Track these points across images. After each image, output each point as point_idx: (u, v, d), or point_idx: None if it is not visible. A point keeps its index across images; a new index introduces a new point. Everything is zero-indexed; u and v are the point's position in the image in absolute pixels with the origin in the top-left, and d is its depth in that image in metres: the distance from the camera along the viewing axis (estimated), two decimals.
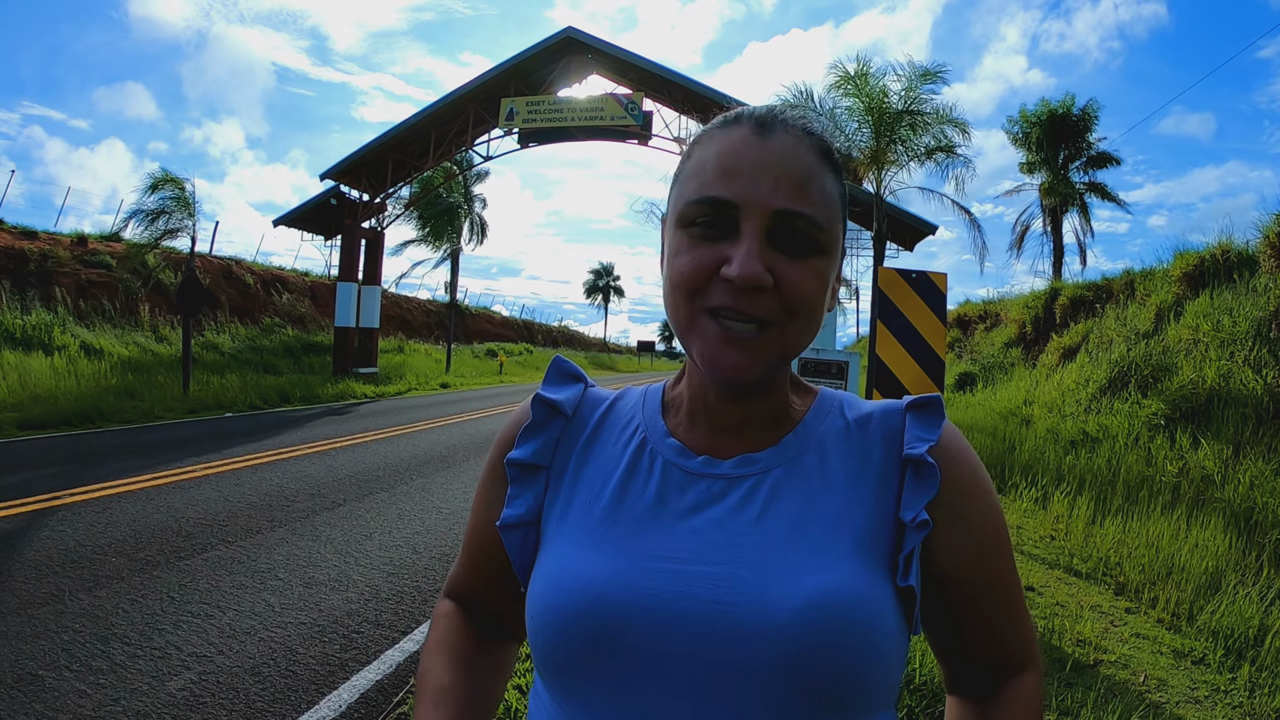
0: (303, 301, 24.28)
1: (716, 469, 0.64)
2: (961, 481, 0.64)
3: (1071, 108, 21.15)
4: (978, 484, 0.65)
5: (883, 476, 0.64)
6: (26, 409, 9.73)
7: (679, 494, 0.63)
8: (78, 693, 2.68)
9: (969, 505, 0.64)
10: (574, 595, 0.59)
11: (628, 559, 0.60)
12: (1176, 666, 3.35)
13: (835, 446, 0.66)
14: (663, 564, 0.59)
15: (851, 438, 0.66)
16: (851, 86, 11.21)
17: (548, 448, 0.70)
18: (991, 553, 0.64)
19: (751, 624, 0.55)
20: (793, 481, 0.63)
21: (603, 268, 69.78)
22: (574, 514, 0.66)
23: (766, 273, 0.57)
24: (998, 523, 0.66)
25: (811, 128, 0.63)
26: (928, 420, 0.66)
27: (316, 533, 4.88)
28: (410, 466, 7.53)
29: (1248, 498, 5.17)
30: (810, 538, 0.59)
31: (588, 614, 0.58)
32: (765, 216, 0.57)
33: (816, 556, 0.58)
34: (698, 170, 0.61)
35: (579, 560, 0.61)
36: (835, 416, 0.68)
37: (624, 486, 0.66)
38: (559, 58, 19.54)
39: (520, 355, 36.75)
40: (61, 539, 4.40)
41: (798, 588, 0.56)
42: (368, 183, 20.96)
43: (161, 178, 14.61)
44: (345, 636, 3.33)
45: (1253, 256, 8.03)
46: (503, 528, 0.68)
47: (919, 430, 0.65)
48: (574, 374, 0.76)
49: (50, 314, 14.62)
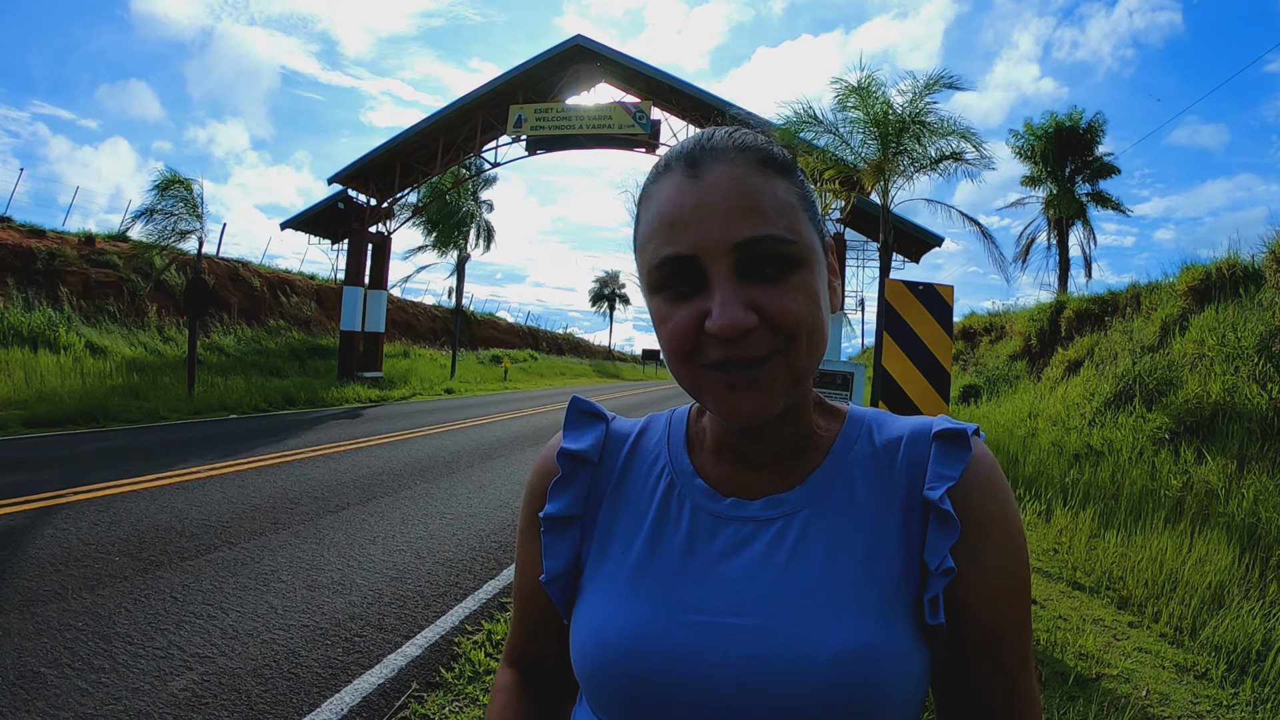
0: (309, 305, 24.37)
1: (745, 511, 0.64)
2: (984, 520, 0.61)
3: (1079, 121, 21.17)
4: (1000, 524, 0.61)
5: (907, 514, 0.62)
6: (32, 407, 9.77)
7: (708, 540, 0.63)
8: (79, 691, 2.69)
9: (988, 545, 0.61)
10: (610, 649, 0.61)
11: (661, 611, 0.61)
12: (1179, 681, 3.34)
13: (863, 477, 0.64)
14: (694, 616, 0.60)
15: (879, 466, 0.64)
16: (856, 99, 11.23)
17: (579, 498, 0.70)
18: (1006, 597, 0.61)
19: (782, 677, 0.56)
20: (822, 521, 0.62)
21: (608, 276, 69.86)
22: (609, 562, 0.66)
23: (749, 312, 0.55)
24: (1017, 567, 0.62)
25: (746, 142, 0.60)
26: (951, 455, 0.62)
27: (320, 536, 4.89)
28: (414, 471, 7.54)
29: (1251, 513, 5.15)
30: (840, 583, 0.59)
31: (624, 667, 0.60)
32: (726, 255, 0.55)
33: (845, 606, 0.58)
34: (648, 233, 0.59)
35: (615, 613, 0.62)
36: (864, 442, 0.66)
37: (655, 533, 0.66)
38: (567, 65, 19.64)
39: (525, 362, 36.80)
40: (65, 537, 4.42)
41: (825, 644, 0.56)
42: (375, 187, 21.05)
43: (170, 178, 14.65)
44: (348, 640, 3.33)
45: (1259, 271, 8.02)
46: (548, 582, 0.69)
47: (941, 466, 0.62)
48: (594, 412, 0.75)
49: (56, 312, 14.70)
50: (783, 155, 0.61)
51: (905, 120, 10.90)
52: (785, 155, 0.61)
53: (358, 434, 10.19)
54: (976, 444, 0.64)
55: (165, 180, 14.57)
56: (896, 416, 0.69)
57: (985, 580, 0.60)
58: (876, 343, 4.27)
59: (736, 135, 0.61)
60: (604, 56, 19.27)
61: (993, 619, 0.61)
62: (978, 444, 0.64)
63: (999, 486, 0.62)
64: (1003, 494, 0.62)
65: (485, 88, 19.73)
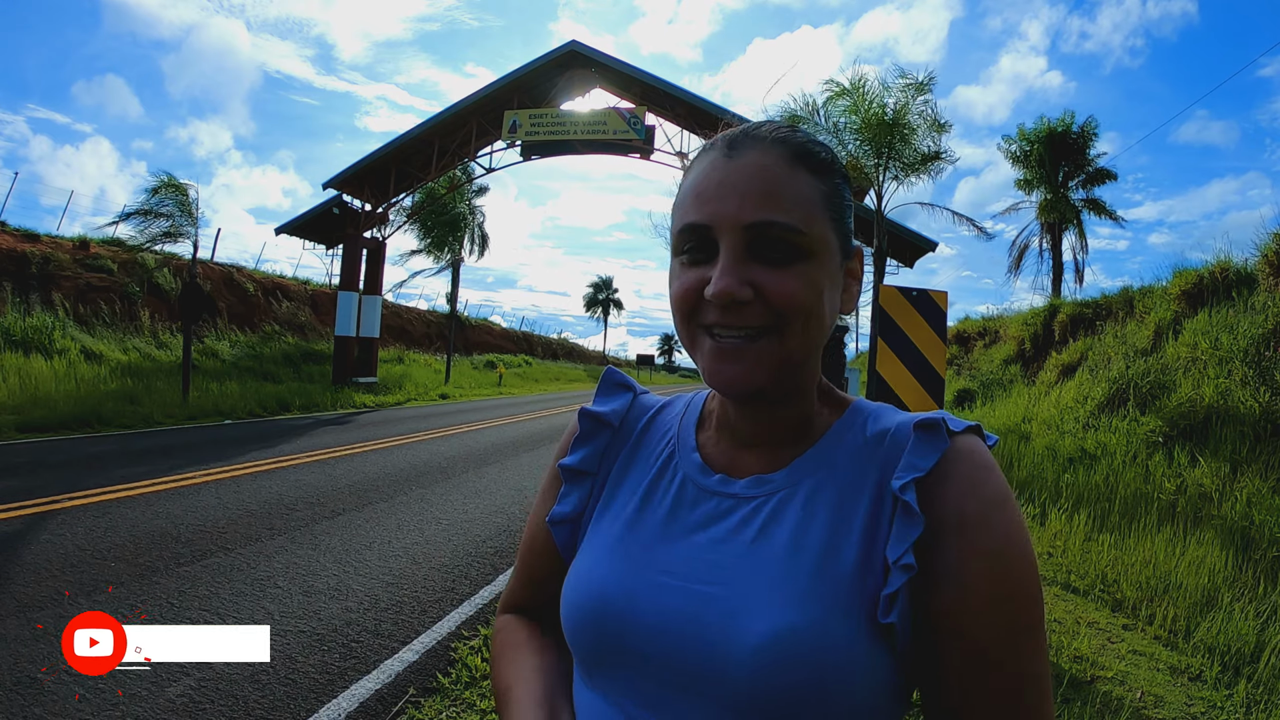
0: (303, 310, 24.32)
1: (729, 488, 0.66)
2: (961, 523, 0.57)
3: (1071, 125, 21.27)
4: (984, 531, 0.56)
5: (876, 505, 0.60)
6: (26, 411, 9.73)
7: (689, 510, 0.66)
8: (76, 697, 2.68)
9: (966, 552, 0.56)
10: (587, 597, 0.65)
11: (634, 569, 0.64)
12: (1173, 683, 3.36)
13: (845, 466, 0.63)
14: (661, 577, 0.63)
15: (863, 456, 0.63)
16: (848, 101, 11.28)
17: (595, 456, 0.75)
18: (991, 616, 0.55)
19: (718, 648, 0.58)
20: (795, 505, 0.62)
21: (602, 281, 70.01)
22: (608, 519, 0.70)
23: (745, 286, 0.59)
24: (1007, 584, 0.56)
25: (786, 136, 0.63)
26: (926, 446, 0.60)
27: (316, 541, 4.88)
28: (410, 477, 7.53)
29: (1244, 515, 5.18)
30: (796, 567, 0.59)
31: (594, 615, 0.64)
32: (737, 232, 0.59)
33: (788, 590, 0.58)
34: (680, 200, 0.64)
35: (598, 565, 0.67)
36: (856, 432, 0.66)
37: (647, 498, 0.70)
38: (562, 71, 19.69)
39: (519, 367, 36.75)
40: (61, 543, 4.40)
41: (761, 622, 0.57)
42: (370, 192, 21.05)
43: (165, 181, 14.58)
44: (344, 645, 3.33)
45: (1251, 275, 8.08)
46: (552, 522, 0.74)
47: (913, 456, 0.60)
48: (624, 384, 0.81)
49: (51, 317, 14.64)
50: (821, 155, 0.64)
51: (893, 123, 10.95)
52: (824, 156, 0.64)
53: (353, 439, 10.17)
54: (964, 440, 0.61)
55: (159, 184, 14.50)
56: (899, 411, 0.67)
57: (962, 592, 0.56)
58: (871, 348, 4.29)
59: (781, 130, 0.64)
60: (599, 62, 19.33)
61: (976, 640, 0.55)
62: (966, 440, 0.61)
63: (986, 489, 0.58)
64: (989, 497, 0.58)
65: (480, 93, 19.78)
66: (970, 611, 0.56)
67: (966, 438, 0.61)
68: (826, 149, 0.65)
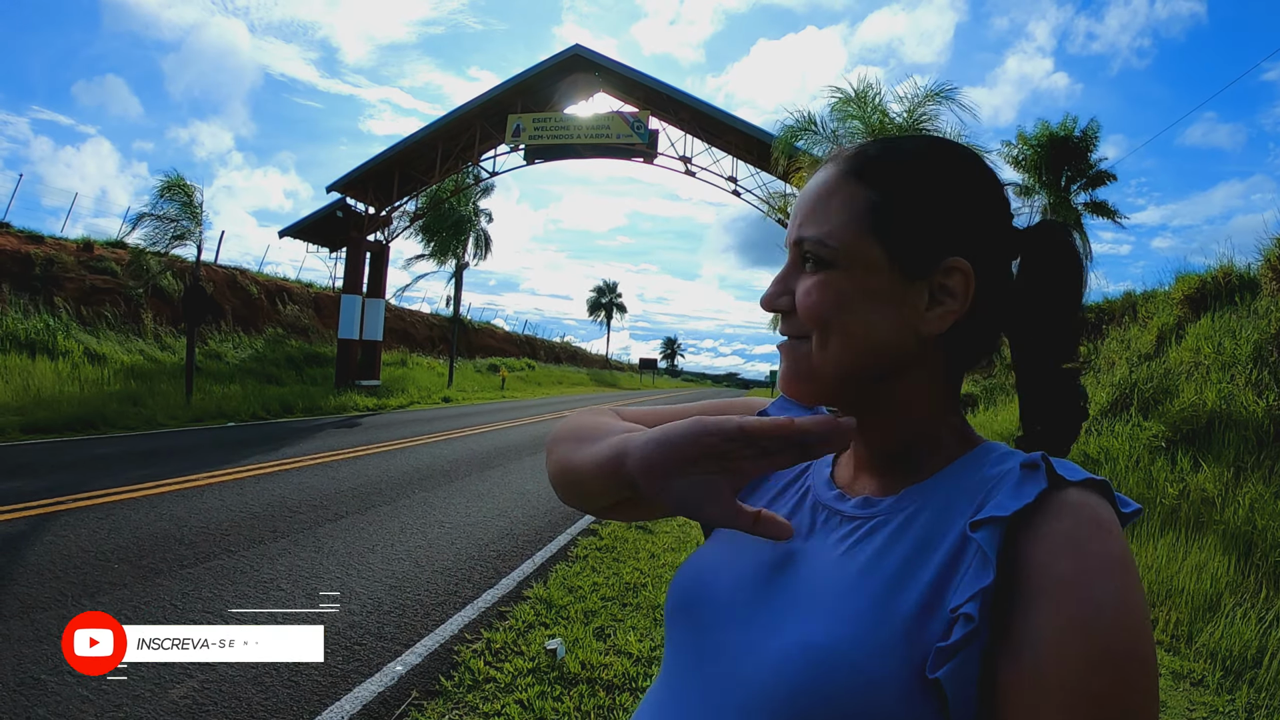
0: (306, 313, 24.37)
1: (839, 504, 0.65)
2: (1050, 584, 0.47)
3: (1073, 130, 21.26)
4: (1074, 591, 0.46)
5: (958, 547, 0.53)
6: (30, 413, 9.76)
7: (804, 516, 0.67)
8: (80, 698, 2.69)
9: (1049, 618, 0.46)
10: (690, 565, 0.70)
11: (728, 553, 0.67)
12: (1175, 688, 3.36)
13: (948, 503, 0.57)
14: (752, 569, 0.64)
15: (967, 495, 0.56)
16: (853, 108, 11.30)
17: None
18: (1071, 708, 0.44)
19: (755, 647, 0.58)
20: (886, 532, 0.58)
21: (605, 285, 70.04)
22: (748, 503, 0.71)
23: (782, 295, 0.64)
24: (1099, 664, 0.45)
25: (852, 151, 0.64)
26: (1023, 484, 0.52)
27: (319, 544, 4.89)
28: (413, 480, 7.54)
29: (1247, 520, 5.17)
30: (857, 590, 0.55)
31: (686, 576, 0.69)
32: (792, 248, 0.64)
33: (842, 609, 0.54)
34: None
35: (709, 547, 0.71)
36: (974, 471, 0.58)
37: (776, 497, 0.72)
38: (566, 75, 19.72)
39: (522, 371, 36.78)
40: (64, 544, 4.42)
41: (785, 636, 0.56)
42: (374, 196, 21.09)
43: (172, 181, 14.62)
44: (347, 648, 3.34)
45: (1254, 279, 8.07)
46: None
47: (1004, 495, 0.52)
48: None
49: (54, 319, 14.69)
50: (878, 163, 0.62)
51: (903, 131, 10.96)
52: (881, 163, 0.62)
53: (356, 442, 10.19)
54: (1077, 494, 0.50)
55: (167, 184, 14.53)
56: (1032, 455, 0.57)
57: (1037, 671, 0.46)
58: None
59: (858, 145, 0.65)
60: (602, 66, 19.37)
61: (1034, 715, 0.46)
62: (1079, 494, 0.50)
63: (1090, 547, 0.47)
64: (1094, 556, 0.47)
65: (484, 97, 19.81)
66: (1045, 693, 0.45)
67: (1082, 491, 0.51)
68: (894, 154, 0.62)
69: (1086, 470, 0.52)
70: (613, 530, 5.77)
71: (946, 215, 0.60)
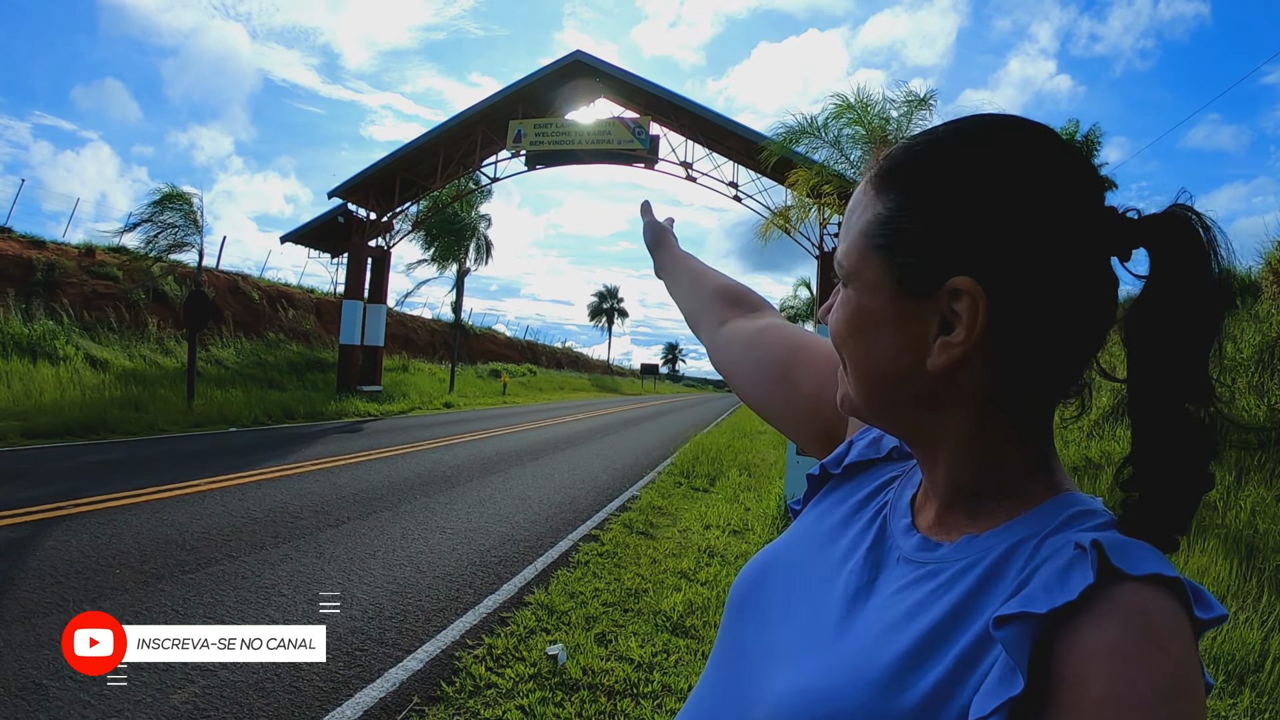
0: (308, 318, 24.42)
1: (903, 538, 0.58)
2: (1085, 700, 0.39)
3: (1074, 135, 21.30)
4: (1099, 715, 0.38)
5: (985, 630, 0.45)
6: (31, 418, 9.78)
7: (863, 540, 0.61)
8: (81, 703, 2.69)
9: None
10: (754, 561, 0.68)
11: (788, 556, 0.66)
12: None
13: (1000, 567, 0.48)
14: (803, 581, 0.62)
15: (1019, 561, 0.48)
16: (854, 115, 11.33)
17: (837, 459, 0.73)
18: None
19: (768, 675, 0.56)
20: (928, 587, 0.51)
21: (607, 290, 70.17)
22: (825, 505, 0.70)
23: (828, 311, 0.58)
24: None
25: (883, 158, 0.56)
26: (1070, 572, 0.43)
27: (320, 550, 4.89)
28: (414, 486, 7.54)
29: (1249, 524, 5.17)
30: (885, 647, 0.48)
31: (750, 572, 0.67)
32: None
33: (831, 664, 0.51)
34: None
35: (779, 543, 0.69)
36: (1037, 529, 0.49)
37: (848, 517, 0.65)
38: (567, 80, 19.76)
39: (524, 376, 36.80)
40: (66, 549, 4.42)
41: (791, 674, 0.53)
42: (375, 201, 21.13)
43: (170, 193, 14.67)
44: (349, 654, 3.34)
45: (1255, 283, 8.08)
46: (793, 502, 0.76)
47: (1045, 583, 0.43)
48: None
49: (55, 324, 14.72)
50: (891, 171, 0.54)
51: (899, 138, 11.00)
52: (896, 171, 0.53)
53: (357, 448, 10.20)
54: (1134, 592, 0.41)
55: (165, 195, 14.59)
56: (1106, 515, 0.50)
57: None
58: None
59: (894, 150, 0.56)
60: (603, 72, 19.41)
61: None
62: (1136, 592, 0.41)
63: (1131, 676, 0.38)
64: (1137, 688, 0.38)
65: (485, 102, 19.87)
66: None
67: (1142, 589, 0.41)
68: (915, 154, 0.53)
69: (1155, 553, 0.43)
70: (614, 536, 5.77)
71: (954, 222, 0.49)
